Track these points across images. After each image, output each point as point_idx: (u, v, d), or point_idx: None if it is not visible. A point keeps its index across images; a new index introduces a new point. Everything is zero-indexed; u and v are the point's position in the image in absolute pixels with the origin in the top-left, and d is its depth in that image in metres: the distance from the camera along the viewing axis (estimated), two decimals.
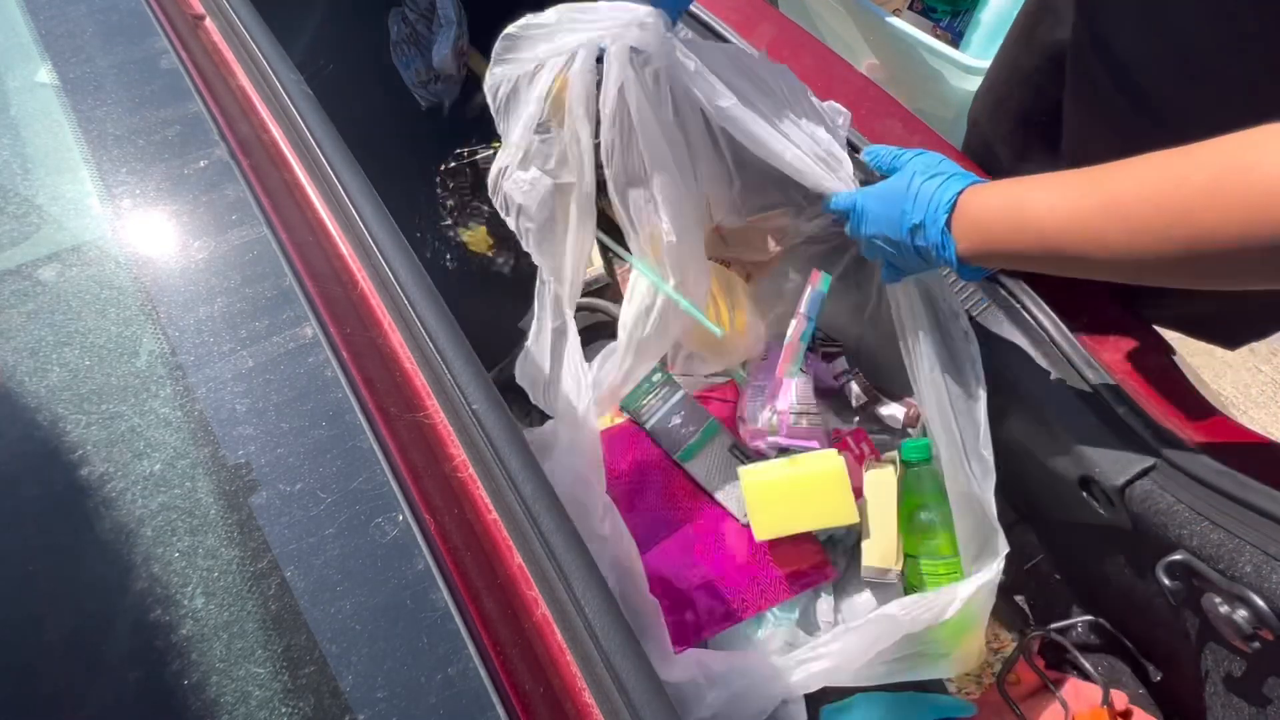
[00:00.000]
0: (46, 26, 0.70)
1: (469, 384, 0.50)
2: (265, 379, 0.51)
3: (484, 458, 0.48)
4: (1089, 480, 0.66)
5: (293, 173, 0.63)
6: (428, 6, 1.40)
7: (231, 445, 0.48)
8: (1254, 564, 0.54)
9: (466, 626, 0.42)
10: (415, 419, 0.51)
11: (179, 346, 0.52)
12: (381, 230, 0.57)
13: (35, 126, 0.65)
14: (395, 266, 0.55)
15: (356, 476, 0.47)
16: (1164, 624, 0.66)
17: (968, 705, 0.72)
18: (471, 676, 0.41)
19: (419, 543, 0.44)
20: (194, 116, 0.64)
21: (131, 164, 0.61)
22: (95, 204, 0.59)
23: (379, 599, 0.43)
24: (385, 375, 0.52)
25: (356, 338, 0.54)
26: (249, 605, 0.43)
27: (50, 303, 0.54)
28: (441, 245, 1.23)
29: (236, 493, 0.46)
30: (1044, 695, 0.70)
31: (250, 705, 0.40)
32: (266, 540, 0.45)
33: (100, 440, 0.48)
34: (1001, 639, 0.77)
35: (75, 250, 0.57)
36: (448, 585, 0.43)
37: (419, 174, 1.27)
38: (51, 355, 0.51)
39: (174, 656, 0.41)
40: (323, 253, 0.58)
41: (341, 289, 0.57)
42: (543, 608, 0.44)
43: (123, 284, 0.55)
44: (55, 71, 0.66)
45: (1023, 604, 0.82)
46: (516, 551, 0.46)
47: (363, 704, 0.40)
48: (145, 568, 0.43)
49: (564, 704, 0.42)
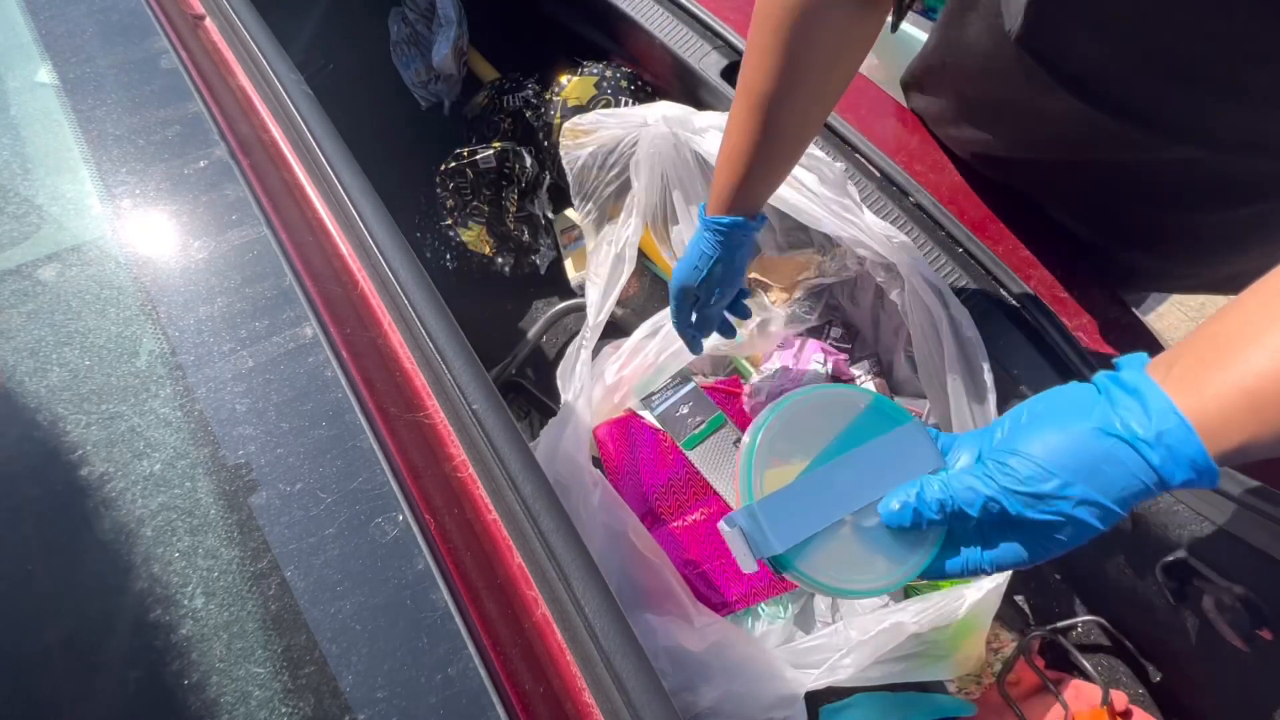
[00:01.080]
0: (46, 26, 0.70)
1: (469, 384, 0.50)
2: (265, 379, 0.51)
3: (484, 458, 0.48)
4: None
5: (293, 173, 0.63)
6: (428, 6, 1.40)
7: (231, 445, 0.48)
8: (1254, 564, 0.54)
9: (466, 626, 0.42)
10: (415, 419, 0.51)
11: (179, 346, 0.52)
12: (381, 230, 0.57)
13: (35, 126, 0.65)
14: (395, 266, 0.55)
15: (356, 476, 0.47)
16: (1164, 624, 0.66)
17: (968, 705, 0.72)
18: (471, 676, 0.41)
19: (419, 543, 0.44)
20: (194, 116, 0.64)
21: (131, 164, 0.61)
22: (95, 204, 0.59)
23: (379, 599, 0.43)
24: (385, 375, 0.52)
25: (356, 338, 0.53)
26: (249, 605, 0.43)
27: (50, 303, 0.54)
28: (441, 245, 1.23)
29: (236, 493, 0.46)
30: (1044, 695, 0.70)
31: (250, 705, 0.40)
32: (266, 540, 0.45)
33: (100, 440, 0.48)
34: (1001, 639, 0.77)
35: (75, 250, 0.57)
36: (448, 585, 0.43)
37: (419, 174, 1.27)
38: (51, 355, 0.51)
39: (174, 656, 0.41)
40: (323, 253, 0.58)
41: (341, 289, 0.57)
42: (543, 608, 0.44)
43: (123, 284, 0.55)
44: (55, 71, 0.66)
45: (1023, 604, 0.82)
46: (516, 551, 0.46)
47: (363, 704, 0.40)
48: (145, 568, 0.43)
49: (564, 704, 0.42)
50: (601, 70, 1.14)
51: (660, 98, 1.12)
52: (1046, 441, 0.37)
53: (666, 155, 0.87)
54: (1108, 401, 0.37)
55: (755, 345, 0.94)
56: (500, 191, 1.21)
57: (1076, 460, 0.36)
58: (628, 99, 1.12)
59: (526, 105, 1.25)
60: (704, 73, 0.92)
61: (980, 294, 0.75)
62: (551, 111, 1.18)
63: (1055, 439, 0.37)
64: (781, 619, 0.76)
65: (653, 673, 0.41)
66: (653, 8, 1.00)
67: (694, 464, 0.83)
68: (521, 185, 1.21)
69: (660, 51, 0.98)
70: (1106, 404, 0.37)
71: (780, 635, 0.75)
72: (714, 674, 0.66)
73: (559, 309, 1.15)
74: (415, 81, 1.41)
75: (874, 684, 0.66)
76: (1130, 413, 0.36)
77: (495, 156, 1.18)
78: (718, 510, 0.82)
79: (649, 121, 0.84)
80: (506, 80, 1.29)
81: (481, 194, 1.20)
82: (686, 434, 0.84)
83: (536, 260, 1.23)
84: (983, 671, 0.75)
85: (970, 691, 0.75)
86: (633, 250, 0.88)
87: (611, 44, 1.16)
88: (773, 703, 0.64)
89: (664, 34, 0.97)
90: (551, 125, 1.18)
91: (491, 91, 1.28)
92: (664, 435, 0.86)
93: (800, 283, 0.92)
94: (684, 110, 0.82)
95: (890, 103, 0.91)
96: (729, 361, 0.99)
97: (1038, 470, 0.37)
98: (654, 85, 1.13)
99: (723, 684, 0.65)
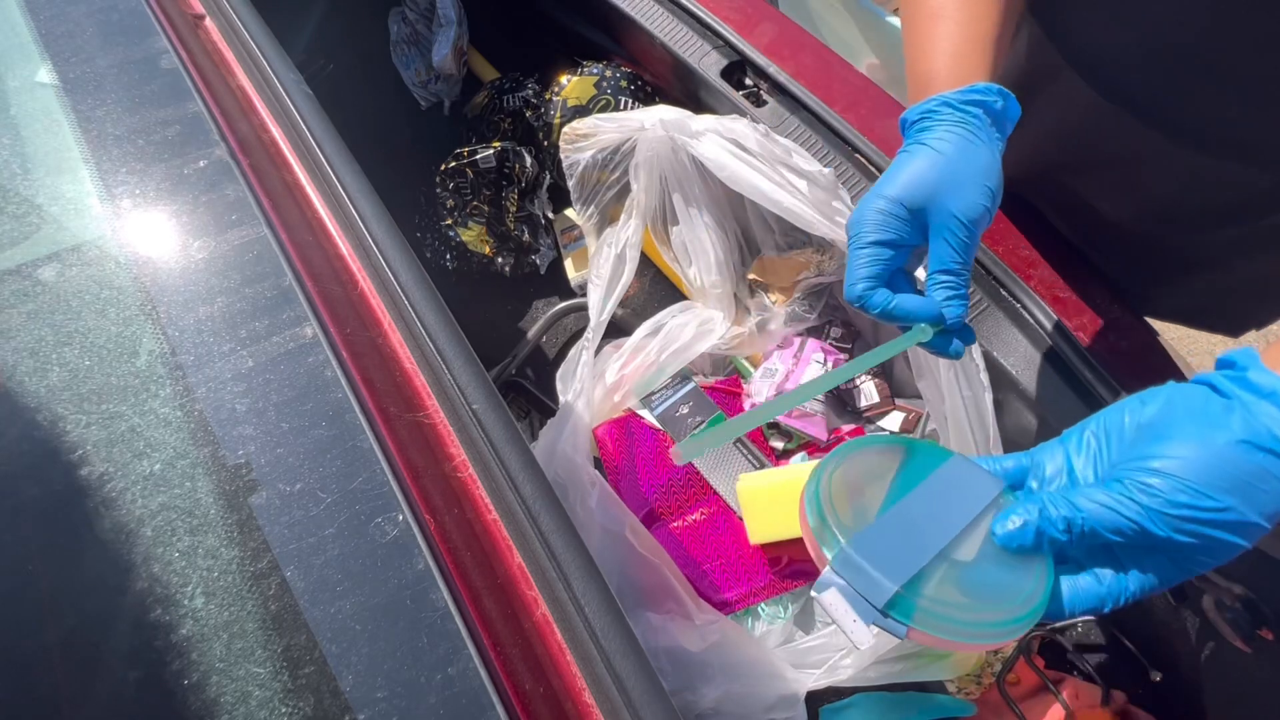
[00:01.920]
0: (46, 26, 0.70)
1: (469, 384, 0.50)
2: (265, 379, 0.51)
3: (484, 458, 0.48)
4: None
5: (293, 173, 0.63)
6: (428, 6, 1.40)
7: (231, 445, 0.48)
8: (1253, 564, 0.54)
9: (466, 626, 0.42)
10: (415, 419, 0.51)
11: (179, 346, 0.52)
12: (381, 230, 0.57)
13: (35, 126, 0.65)
14: (395, 266, 0.55)
15: (356, 476, 0.47)
16: (1164, 624, 0.66)
17: (968, 705, 0.72)
18: (471, 676, 0.41)
19: (419, 543, 0.44)
20: (194, 116, 0.64)
21: (131, 164, 0.61)
22: (95, 204, 0.59)
23: (379, 599, 0.43)
24: (385, 375, 0.52)
25: (356, 338, 0.53)
26: (249, 605, 0.43)
27: (50, 303, 0.54)
28: (441, 245, 1.23)
29: (236, 493, 0.46)
30: (1044, 695, 0.70)
31: (250, 705, 0.40)
32: (266, 540, 0.45)
33: (100, 440, 0.48)
34: None
35: (75, 250, 0.57)
36: (448, 585, 0.43)
37: (419, 174, 1.27)
38: (51, 355, 0.51)
39: (174, 656, 0.41)
40: (323, 253, 0.58)
41: (341, 289, 0.57)
42: (543, 608, 0.44)
43: (123, 284, 0.55)
44: (55, 71, 0.66)
45: None
46: (516, 551, 0.46)
47: (363, 704, 0.40)
48: (145, 568, 0.43)
49: (564, 704, 0.42)
50: (601, 70, 1.14)
51: (660, 98, 1.12)
52: (1187, 458, 0.34)
53: (665, 158, 0.87)
54: (1242, 408, 0.34)
55: (755, 345, 0.94)
56: (500, 191, 1.21)
57: (1228, 479, 0.33)
58: (627, 99, 1.12)
59: (526, 105, 1.25)
60: (704, 73, 0.92)
61: (979, 294, 0.75)
62: (551, 111, 1.18)
63: (1196, 454, 0.34)
64: (782, 619, 0.76)
65: (653, 673, 0.41)
66: (653, 8, 1.00)
67: (694, 464, 0.83)
68: (521, 185, 1.21)
69: (660, 51, 0.98)
70: (1243, 411, 0.34)
71: (780, 635, 0.75)
72: (714, 674, 0.66)
73: (559, 309, 1.15)
74: (415, 81, 1.41)
75: (874, 684, 0.66)
76: (1276, 421, 0.33)
77: (495, 156, 1.18)
78: (718, 510, 0.82)
79: (646, 126, 0.84)
80: (506, 80, 1.29)
81: (481, 194, 1.20)
82: (686, 434, 0.84)
83: (536, 260, 1.23)
84: (983, 671, 0.75)
85: (970, 691, 0.75)
86: (634, 251, 0.89)
87: (611, 44, 1.16)
88: (773, 703, 0.64)
89: (664, 34, 0.97)
90: (551, 125, 1.18)
91: (491, 91, 1.28)
92: (664, 435, 0.86)
93: (800, 282, 0.92)
94: (681, 114, 0.82)
95: (890, 103, 0.91)
96: (729, 361, 0.99)
97: (1190, 490, 0.34)
98: (654, 85, 1.13)
99: (723, 684, 0.65)
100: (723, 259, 0.93)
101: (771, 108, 0.89)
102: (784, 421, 0.83)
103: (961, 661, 0.68)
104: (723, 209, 0.94)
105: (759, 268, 0.97)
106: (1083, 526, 0.36)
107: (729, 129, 0.78)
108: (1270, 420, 0.33)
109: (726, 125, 0.78)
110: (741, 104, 0.89)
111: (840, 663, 0.64)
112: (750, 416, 0.45)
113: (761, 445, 0.86)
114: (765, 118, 0.87)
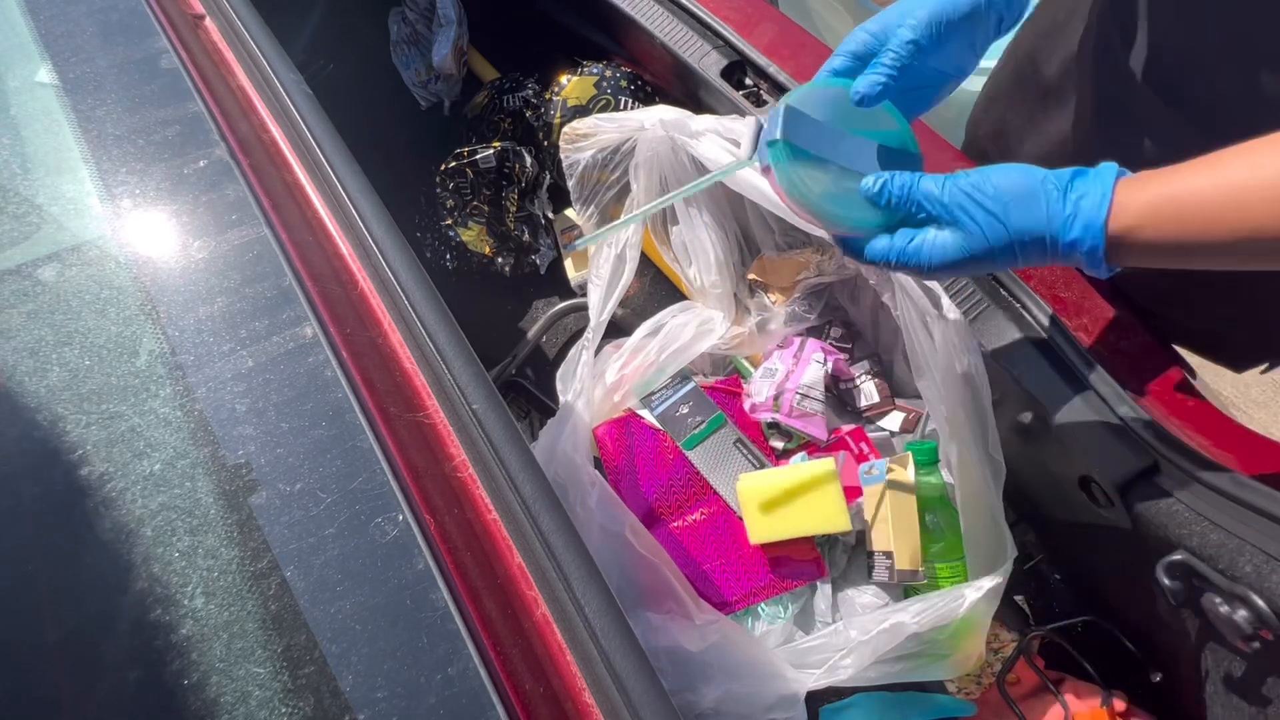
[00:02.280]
0: (46, 26, 0.70)
1: (469, 384, 0.50)
2: (265, 379, 0.51)
3: (484, 458, 0.48)
4: (1088, 480, 0.66)
5: (293, 173, 0.63)
6: (428, 6, 1.40)
7: (231, 445, 0.48)
8: (1254, 564, 0.54)
9: (466, 626, 0.42)
10: (415, 419, 0.51)
11: (179, 346, 0.52)
12: (381, 230, 0.57)
13: (35, 126, 0.65)
14: (395, 266, 0.55)
15: (356, 476, 0.47)
16: (1164, 624, 0.66)
17: (968, 705, 0.72)
18: (471, 676, 0.41)
19: (419, 543, 0.44)
20: (194, 116, 0.64)
21: (131, 164, 0.61)
22: (95, 204, 0.59)
23: (379, 599, 0.43)
24: (385, 375, 0.52)
25: (356, 338, 0.53)
26: (249, 605, 0.43)
27: (50, 303, 0.54)
28: (441, 245, 1.23)
29: (236, 493, 0.46)
30: (1044, 695, 0.70)
31: (250, 705, 0.40)
32: (266, 540, 0.45)
33: (100, 440, 0.48)
34: (1001, 639, 0.77)
35: (75, 250, 0.57)
36: (448, 585, 0.43)
37: (419, 174, 1.27)
38: (51, 355, 0.51)
39: (174, 656, 0.41)
40: (323, 253, 0.58)
41: (341, 289, 0.57)
42: (543, 608, 0.44)
43: (123, 284, 0.55)
44: (55, 71, 0.66)
45: (1023, 604, 0.82)
46: (516, 551, 0.46)
47: (363, 704, 0.40)
48: (145, 568, 0.43)
49: (564, 704, 0.42)
50: (601, 70, 1.14)
51: (660, 98, 1.12)
52: (1008, 173, 0.46)
53: (665, 158, 0.88)
54: (1074, 172, 0.45)
55: (755, 345, 0.94)
56: (500, 191, 1.21)
57: (1016, 188, 0.46)
58: (627, 99, 1.12)
59: (526, 105, 1.25)
60: (704, 73, 0.92)
61: (978, 294, 0.75)
62: (551, 111, 1.18)
63: (1014, 173, 0.46)
64: (782, 619, 0.76)
65: (653, 673, 0.41)
66: (653, 8, 1.00)
67: (694, 464, 0.83)
68: (521, 185, 1.21)
69: (660, 51, 0.98)
70: (1072, 172, 0.45)
71: (780, 635, 0.75)
72: (714, 674, 0.66)
73: (559, 309, 1.15)
74: (415, 81, 1.41)
75: (874, 684, 0.65)
76: (1076, 175, 0.45)
77: (495, 156, 1.18)
78: (718, 510, 0.82)
79: (646, 126, 0.84)
80: (506, 80, 1.29)
81: (481, 194, 1.20)
82: (686, 434, 0.84)
83: (536, 260, 1.23)
84: (983, 671, 0.75)
85: (970, 691, 0.75)
86: (634, 252, 0.89)
87: (611, 44, 1.16)
88: (773, 703, 0.64)
89: (664, 34, 0.97)
90: (551, 125, 1.18)
91: (491, 91, 1.28)
92: (664, 435, 0.86)
93: (799, 282, 0.92)
94: (680, 114, 0.82)
95: None
96: (729, 361, 0.99)
97: (986, 184, 0.46)
98: (654, 85, 1.13)
99: (723, 684, 0.65)
100: (722, 259, 0.93)
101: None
102: (784, 421, 0.83)
103: (961, 661, 0.68)
104: (723, 209, 0.94)
105: (759, 268, 0.97)
106: (911, 192, 0.49)
107: (729, 129, 0.78)
108: (1076, 176, 0.45)
109: (726, 125, 0.78)
110: (741, 104, 0.89)
111: (840, 663, 0.64)
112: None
113: (761, 445, 0.86)
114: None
